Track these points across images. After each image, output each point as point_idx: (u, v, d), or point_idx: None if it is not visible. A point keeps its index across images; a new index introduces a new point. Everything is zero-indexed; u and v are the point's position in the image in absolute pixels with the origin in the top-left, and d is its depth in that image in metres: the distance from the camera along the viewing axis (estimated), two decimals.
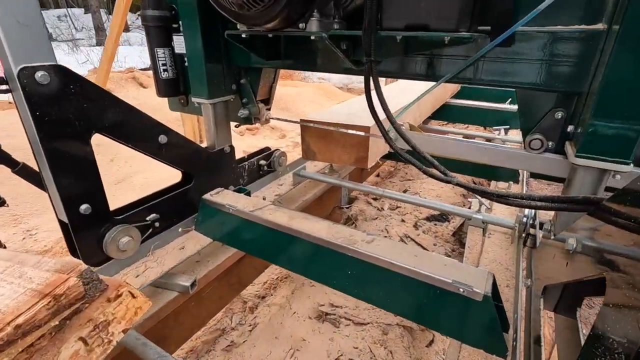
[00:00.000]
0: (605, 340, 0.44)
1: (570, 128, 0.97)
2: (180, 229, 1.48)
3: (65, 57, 9.52)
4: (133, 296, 0.83)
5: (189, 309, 1.47)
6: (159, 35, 1.52)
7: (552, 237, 0.99)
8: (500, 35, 0.86)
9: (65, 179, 1.05)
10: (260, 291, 2.10)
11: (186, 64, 1.51)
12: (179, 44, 1.50)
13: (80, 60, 9.24)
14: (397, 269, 1.00)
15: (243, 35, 1.13)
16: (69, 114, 1.02)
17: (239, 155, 1.75)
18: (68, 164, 1.05)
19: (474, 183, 3.02)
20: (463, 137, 3.01)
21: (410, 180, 3.19)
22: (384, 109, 0.89)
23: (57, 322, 0.66)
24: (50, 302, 0.65)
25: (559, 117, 0.98)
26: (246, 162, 1.81)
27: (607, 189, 0.94)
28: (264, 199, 1.68)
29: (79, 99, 1.03)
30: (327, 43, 0.98)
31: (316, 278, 1.21)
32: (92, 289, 0.77)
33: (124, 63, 8.93)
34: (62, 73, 0.98)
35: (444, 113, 3.34)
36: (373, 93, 1.03)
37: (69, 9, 18.09)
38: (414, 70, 1.10)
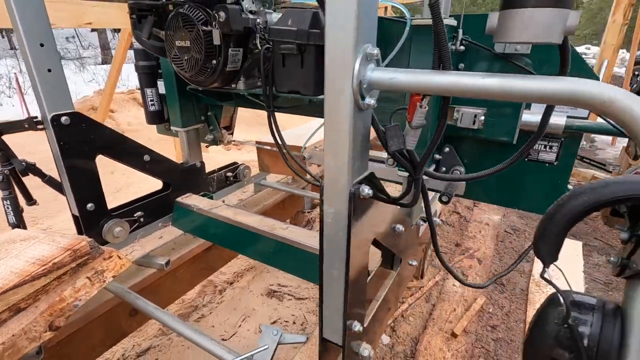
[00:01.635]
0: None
1: None
2: (160, 224, 1.99)
3: (73, 75, 10.19)
4: (119, 258, 1.33)
5: (165, 284, 1.95)
6: (147, 79, 2.04)
7: None
8: None
9: (77, 186, 1.56)
10: (230, 278, 2.58)
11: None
12: (162, 86, 2.03)
13: (87, 79, 9.92)
14: (297, 245, 1.50)
15: (200, 88, 1.65)
16: (81, 142, 1.54)
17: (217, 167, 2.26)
18: (80, 175, 1.56)
19: None
20: None
21: None
22: (279, 137, 1.41)
23: (74, 265, 1.17)
24: (71, 252, 1.16)
25: None
26: (215, 174, 2.32)
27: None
28: (223, 202, 2.18)
29: (87, 132, 1.55)
30: (248, 97, 1.50)
31: (250, 255, 1.70)
32: (94, 251, 1.27)
33: (127, 81, 9.54)
34: (78, 117, 1.50)
35: None
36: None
37: (76, 28, 18.97)
38: (308, 111, 1.63)
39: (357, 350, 1.05)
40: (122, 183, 3.29)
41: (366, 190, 0.78)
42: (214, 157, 3.99)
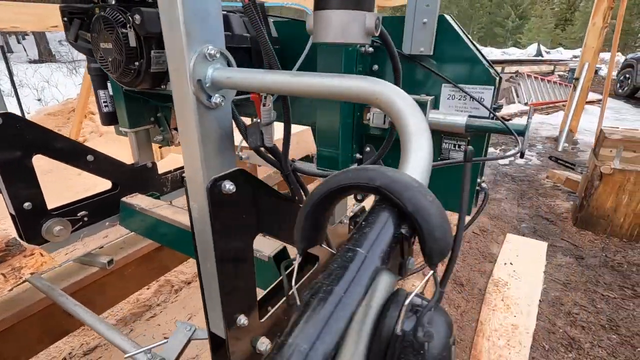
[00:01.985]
0: None
1: None
2: (107, 223, 2.01)
3: (63, 78, 10.25)
4: (42, 255, 1.36)
5: (112, 283, 1.98)
6: (99, 81, 2.07)
7: None
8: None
9: (12, 185, 1.59)
10: (189, 278, 2.60)
11: None
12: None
13: (77, 82, 9.97)
14: None
15: (136, 90, 1.68)
16: (15, 142, 1.57)
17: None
18: (15, 175, 1.59)
19: None
20: None
21: None
22: None
23: None
24: None
25: None
26: (170, 174, 2.34)
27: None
28: (170, 202, 2.20)
29: (22, 133, 1.58)
30: None
31: (188, 253, 1.72)
32: (14, 248, 1.30)
33: None
34: (11, 117, 1.53)
35: None
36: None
37: None
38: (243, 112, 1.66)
39: (254, 344, 1.08)
40: (90, 184, 3.31)
41: (228, 186, 0.80)
42: None
